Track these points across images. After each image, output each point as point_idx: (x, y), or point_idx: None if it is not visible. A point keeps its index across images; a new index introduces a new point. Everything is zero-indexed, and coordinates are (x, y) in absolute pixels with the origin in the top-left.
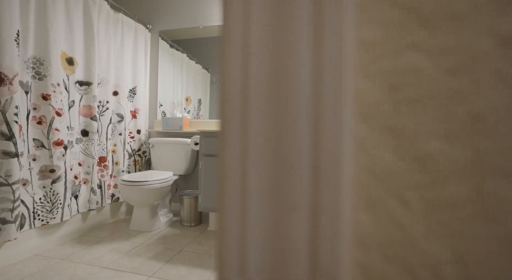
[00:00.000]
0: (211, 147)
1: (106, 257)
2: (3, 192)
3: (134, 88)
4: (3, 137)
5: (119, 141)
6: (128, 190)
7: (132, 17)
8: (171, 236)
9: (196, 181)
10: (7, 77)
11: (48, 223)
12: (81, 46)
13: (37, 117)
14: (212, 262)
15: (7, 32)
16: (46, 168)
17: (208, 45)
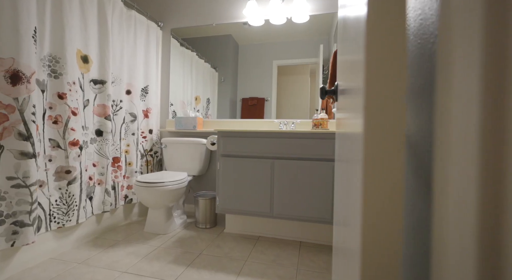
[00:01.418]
0: (230, 147)
1: (124, 261)
2: (21, 194)
3: (146, 87)
4: (20, 137)
5: (132, 141)
6: (144, 191)
7: (145, 14)
8: (188, 238)
9: (209, 181)
10: (25, 75)
11: (64, 225)
12: (96, 43)
13: (53, 116)
14: (234, 266)
15: (24, 28)
16: (62, 169)
17: (216, 43)
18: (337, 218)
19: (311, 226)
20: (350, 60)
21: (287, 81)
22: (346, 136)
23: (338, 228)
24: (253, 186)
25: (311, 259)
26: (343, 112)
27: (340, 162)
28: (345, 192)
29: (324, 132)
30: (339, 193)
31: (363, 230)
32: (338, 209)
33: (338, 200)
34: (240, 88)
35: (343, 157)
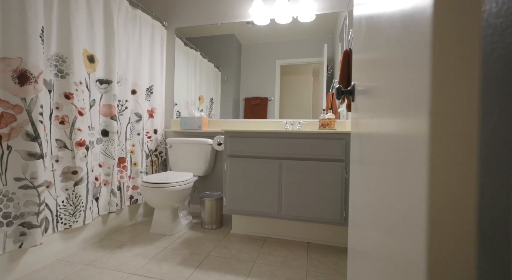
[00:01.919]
0: (237, 147)
1: (132, 263)
2: (29, 195)
3: (151, 87)
4: (28, 138)
5: (138, 141)
6: (150, 192)
7: (149, 13)
8: (194, 239)
9: (214, 182)
10: (33, 75)
11: (71, 226)
12: (101, 43)
13: (59, 117)
14: (243, 267)
15: (32, 28)
16: (69, 170)
17: (219, 43)
18: (355, 220)
19: (318, 227)
20: (379, 59)
21: (289, 81)
22: (375, 137)
23: (357, 230)
24: (261, 187)
25: (320, 261)
26: (365, 113)
27: (363, 163)
28: (375, 194)
29: (333, 132)
30: (361, 194)
31: (430, 239)
32: (357, 210)
33: (359, 202)
34: (243, 88)
35: (369, 158)
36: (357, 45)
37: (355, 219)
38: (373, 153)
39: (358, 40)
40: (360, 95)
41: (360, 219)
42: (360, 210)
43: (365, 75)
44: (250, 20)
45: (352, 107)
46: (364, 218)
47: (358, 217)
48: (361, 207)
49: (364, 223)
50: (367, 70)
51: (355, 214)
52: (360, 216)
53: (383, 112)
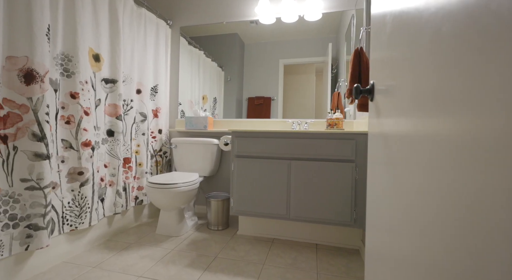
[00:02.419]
0: (244, 147)
1: (139, 265)
2: (35, 197)
3: (155, 87)
4: (34, 138)
5: (143, 141)
6: (156, 193)
7: (154, 12)
8: (201, 241)
9: (220, 182)
10: (39, 74)
11: (76, 228)
12: (107, 42)
13: (65, 116)
14: (252, 270)
15: (38, 26)
16: (75, 170)
17: (222, 42)
18: (377, 223)
19: (327, 228)
20: (417, 56)
21: (292, 81)
22: (414, 139)
23: (380, 233)
24: (269, 188)
25: (330, 263)
26: (392, 112)
27: (392, 165)
28: (419, 199)
29: (343, 132)
30: (388, 197)
31: None
32: (381, 213)
33: (383, 204)
34: (246, 87)
35: (405, 160)
36: (377, 42)
37: (376, 222)
38: (412, 154)
39: (380, 38)
40: (382, 94)
41: (386, 222)
42: (387, 213)
43: (390, 73)
44: (254, 19)
45: (372, 106)
46: (395, 222)
47: (383, 220)
48: (388, 210)
49: (396, 227)
50: (394, 68)
51: (377, 216)
52: (386, 219)
53: (428, 112)
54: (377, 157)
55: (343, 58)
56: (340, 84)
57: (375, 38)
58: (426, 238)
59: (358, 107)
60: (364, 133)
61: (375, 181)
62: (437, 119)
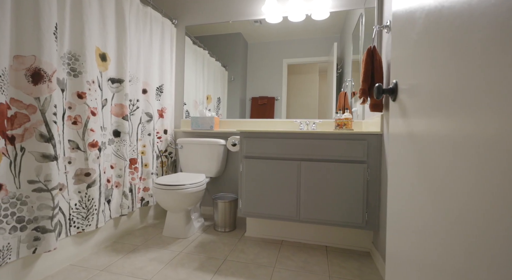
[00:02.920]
0: (253, 148)
1: (148, 268)
2: (43, 198)
3: (161, 86)
4: (42, 139)
5: (148, 141)
6: (163, 194)
7: (160, 11)
8: (209, 243)
9: (226, 183)
10: (46, 73)
11: (83, 230)
12: (113, 41)
13: (72, 117)
14: (263, 273)
15: (46, 24)
16: (82, 171)
17: (226, 42)
18: (397, 226)
19: (336, 230)
20: (461, 53)
21: (295, 80)
22: (456, 141)
23: (401, 236)
24: (279, 189)
25: (341, 266)
26: (423, 113)
27: (424, 167)
28: (442, 202)
29: (355, 133)
30: (416, 200)
31: None
32: (403, 216)
33: (407, 207)
34: (249, 87)
35: (432, 162)
36: (401, 40)
37: (400, 225)
38: (456, 157)
39: (405, 35)
40: (410, 94)
41: (413, 226)
42: (416, 217)
43: (423, 72)
44: (259, 19)
45: (394, 106)
46: (425, 226)
47: (408, 224)
48: (417, 214)
49: (426, 231)
50: (429, 67)
51: (401, 219)
52: (413, 223)
53: (476, 112)
54: (402, 158)
55: (349, 58)
56: (347, 84)
57: (397, 36)
58: (468, 246)
59: (371, 108)
60: (376, 133)
61: (399, 183)
62: (488, 118)
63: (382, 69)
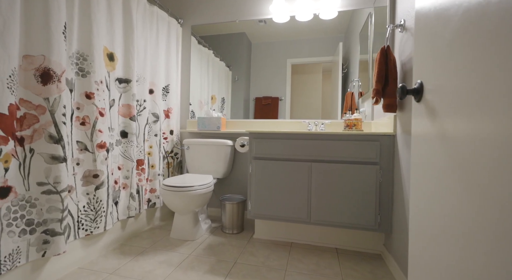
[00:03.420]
0: (263, 149)
1: (158, 271)
2: (52, 201)
3: (167, 86)
4: (51, 140)
5: (155, 142)
6: (172, 196)
7: (166, 10)
8: (218, 245)
9: (233, 184)
10: (56, 73)
11: (92, 232)
12: (121, 40)
13: (80, 117)
14: (274, 276)
15: (55, 23)
16: (90, 173)
17: (230, 41)
18: (422, 230)
19: (347, 232)
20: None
21: (299, 80)
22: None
23: (426, 241)
24: (289, 191)
25: (354, 268)
26: (458, 113)
27: (450, 170)
28: (482, 207)
29: (367, 134)
30: (443, 204)
31: None
32: (429, 220)
33: (434, 211)
34: (253, 87)
35: (472, 166)
36: (427, 39)
37: (425, 229)
38: (502, 161)
39: (432, 34)
40: (439, 94)
41: (444, 229)
42: (447, 219)
43: (458, 72)
44: (265, 18)
45: (419, 107)
46: (461, 229)
47: (439, 226)
48: (450, 216)
49: (459, 237)
50: (463, 68)
51: (427, 223)
52: (442, 227)
53: None
54: (430, 160)
55: (355, 58)
56: (354, 84)
57: (423, 35)
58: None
59: (384, 108)
60: (389, 134)
61: (426, 185)
62: None
63: (396, 69)
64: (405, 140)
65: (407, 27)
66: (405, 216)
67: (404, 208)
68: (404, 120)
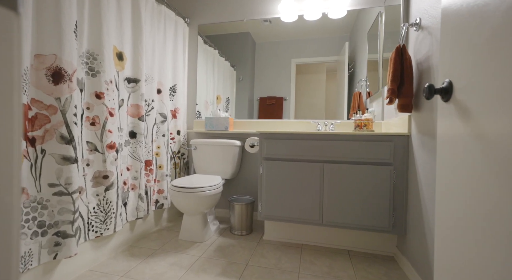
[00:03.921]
0: (273, 150)
1: (169, 274)
2: (63, 202)
3: (174, 86)
4: (63, 140)
5: (163, 142)
6: (181, 197)
7: (173, 9)
8: (228, 247)
9: (241, 185)
10: (67, 73)
11: (102, 234)
12: (129, 39)
13: (90, 118)
14: (287, 279)
15: (66, 22)
16: (100, 174)
17: (234, 41)
18: (450, 234)
19: (359, 234)
20: None
21: (302, 80)
22: None
23: (456, 246)
24: (301, 192)
25: (368, 271)
26: (492, 114)
27: (491, 174)
28: None
29: (381, 134)
30: (475, 204)
31: None
32: (460, 222)
33: (468, 215)
34: (257, 87)
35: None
36: (464, 37)
37: (456, 233)
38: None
39: (470, 31)
40: (473, 94)
41: (482, 234)
42: (484, 224)
43: (499, 71)
44: (273, 17)
45: (448, 107)
46: (453, 228)
47: (473, 232)
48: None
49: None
50: (507, 66)
51: (460, 227)
52: (483, 231)
53: None
54: (463, 162)
55: (361, 58)
56: (362, 84)
57: (450, 33)
58: None
59: (399, 108)
60: (403, 135)
61: (458, 188)
62: None
63: (412, 68)
64: (421, 141)
65: (423, 26)
66: (422, 217)
67: (421, 210)
68: (420, 120)
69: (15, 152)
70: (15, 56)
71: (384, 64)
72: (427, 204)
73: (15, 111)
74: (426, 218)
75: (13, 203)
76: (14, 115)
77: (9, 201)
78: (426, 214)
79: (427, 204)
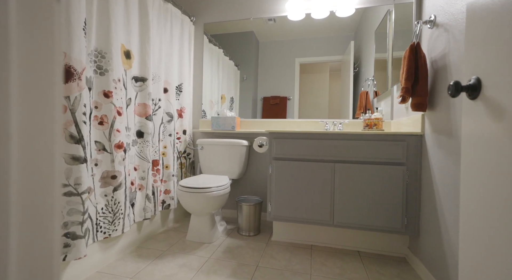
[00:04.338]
0: (283, 150)
1: (179, 276)
2: (73, 203)
3: (180, 85)
4: (72, 140)
5: (169, 142)
6: (189, 197)
7: (179, 7)
8: (236, 248)
9: (247, 185)
10: (76, 71)
11: (110, 235)
12: (137, 38)
13: (98, 117)
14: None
15: (76, 19)
16: (108, 174)
17: (238, 40)
18: (481, 236)
19: (370, 235)
20: None
21: (306, 80)
22: None
23: (483, 250)
24: (311, 192)
25: (380, 272)
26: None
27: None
28: None
29: (394, 134)
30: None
31: None
32: (491, 225)
33: (500, 215)
34: (260, 86)
35: None
36: (493, 33)
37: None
38: None
39: (500, 27)
40: (504, 91)
41: (479, 231)
42: (479, 222)
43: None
44: (278, 16)
45: (476, 106)
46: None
47: (475, 230)
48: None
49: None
50: None
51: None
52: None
53: None
54: (496, 163)
55: (368, 57)
56: (369, 83)
57: (477, 29)
58: None
59: (413, 107)
60: (416, 134)
61: (487, 189)
62: None
63: (427, 66)
64: (436, 140)
65: (438, 23)
66: (437, 218)
67: (436, 210)
68: (435, 119)
69: (56, 155)
70: (56, 40)
71: (394, 63)
72: (443, 204)
73: (56, 111)
74: (442, 219)
75: (54, 204)
76: (55, 115)
77: (51, 203)
78: (442, 214)
79: (443, 204)
